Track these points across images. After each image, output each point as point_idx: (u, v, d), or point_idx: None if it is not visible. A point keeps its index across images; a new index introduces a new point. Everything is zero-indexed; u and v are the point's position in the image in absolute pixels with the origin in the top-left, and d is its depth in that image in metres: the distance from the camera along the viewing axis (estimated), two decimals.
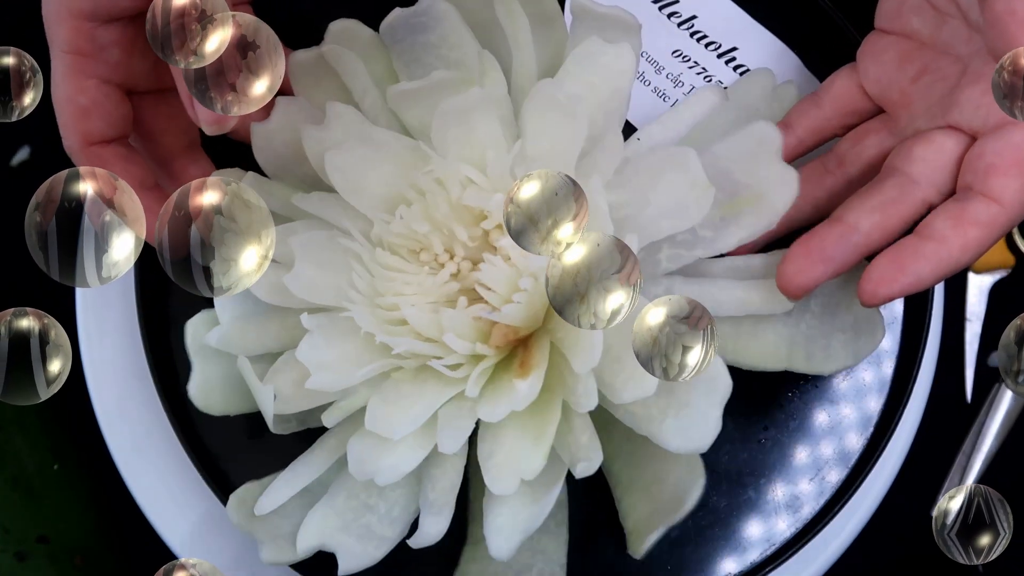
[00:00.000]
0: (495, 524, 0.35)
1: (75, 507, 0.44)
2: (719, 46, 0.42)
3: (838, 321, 0.37)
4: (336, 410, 0.36)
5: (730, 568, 0.39)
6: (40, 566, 0.42)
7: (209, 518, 0.41)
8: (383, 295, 0.36)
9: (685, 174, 0.35)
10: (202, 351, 0.37)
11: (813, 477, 0.40)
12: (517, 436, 0.35)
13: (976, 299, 0.50)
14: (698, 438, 0.34)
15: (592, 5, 0.36)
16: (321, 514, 0.36)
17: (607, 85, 0.36)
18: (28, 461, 0.44)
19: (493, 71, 0.36)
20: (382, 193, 0.37)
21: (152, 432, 0.41)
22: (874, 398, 0.40)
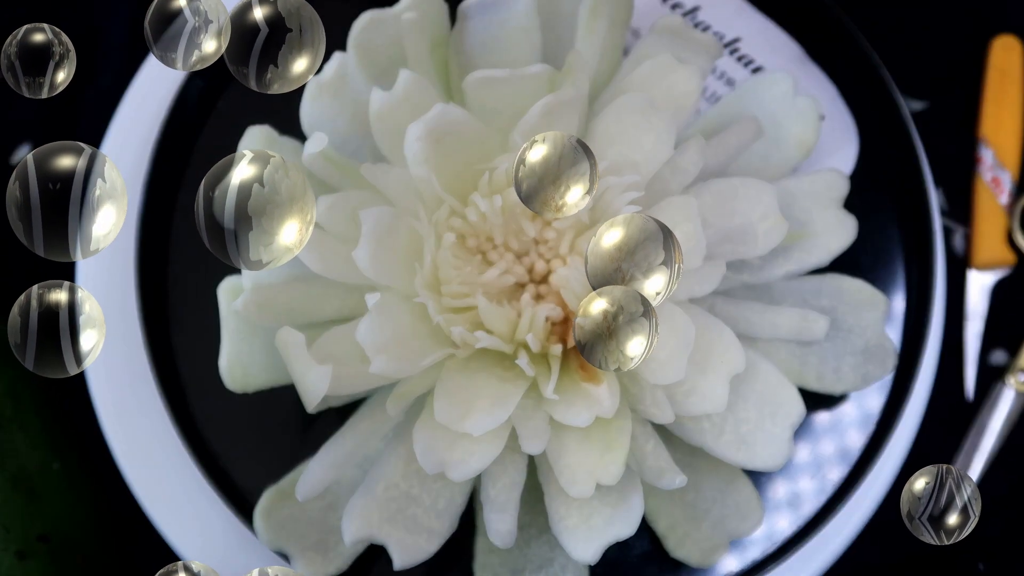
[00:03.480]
0: (564, 525, 0.35)
1: (76, 506, 0.44)
2: (723, 37, 0.43)
3: (849, 345, 0.38)
4: (399, 397, 0.35)
5: (731, 566, 0.39)
6: (41, 565, 0.42)
7: (210, 515, 0.40)
8: (448, 283, 0.35)
9: (758, 205, 0.36)
10: (233, 320, 0.37)
11: (814, 475, 0.40)
12: (581, 439, 0.35)
13: (977, 297, 0.50)
14: (766, 456, 0.36)
15: (684, 27, 0.38)
16: (363, 505, 0.36)
17: (670, 102, 0.37)
18: (28, 460, 0.44)
19: (580, 71, 0.36)
20: (456, 177, 0.36)
21: (153, 430, 0.40)
22: (875, 396, 0.40)
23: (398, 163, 0.36)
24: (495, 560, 0.37)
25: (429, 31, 0.37)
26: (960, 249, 0.51)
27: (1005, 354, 0.50)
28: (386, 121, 0.36)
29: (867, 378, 0.38)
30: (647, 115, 0.35)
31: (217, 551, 0.40)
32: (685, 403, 0.35)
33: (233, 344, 0.36)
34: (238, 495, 0.39)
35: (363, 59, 0.37)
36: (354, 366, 0.34)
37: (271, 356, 0.36)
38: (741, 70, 0.43)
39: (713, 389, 0.35)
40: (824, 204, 0.38)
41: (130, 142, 0.43)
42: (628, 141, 0.36)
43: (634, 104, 0.36)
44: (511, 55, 0.38)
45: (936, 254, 0.41)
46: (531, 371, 0.35)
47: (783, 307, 0.38)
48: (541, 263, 0.36)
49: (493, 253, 0.36)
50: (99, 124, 0.44)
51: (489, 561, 0.37)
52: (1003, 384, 0.49)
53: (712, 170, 0.37)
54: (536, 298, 0.36)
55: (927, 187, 0.42)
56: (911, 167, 0.42)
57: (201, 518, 0.40)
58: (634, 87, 0.37)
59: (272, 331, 0.35)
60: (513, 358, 0.35)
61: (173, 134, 0.41)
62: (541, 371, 0.35)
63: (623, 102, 0.36)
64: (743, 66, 0.43)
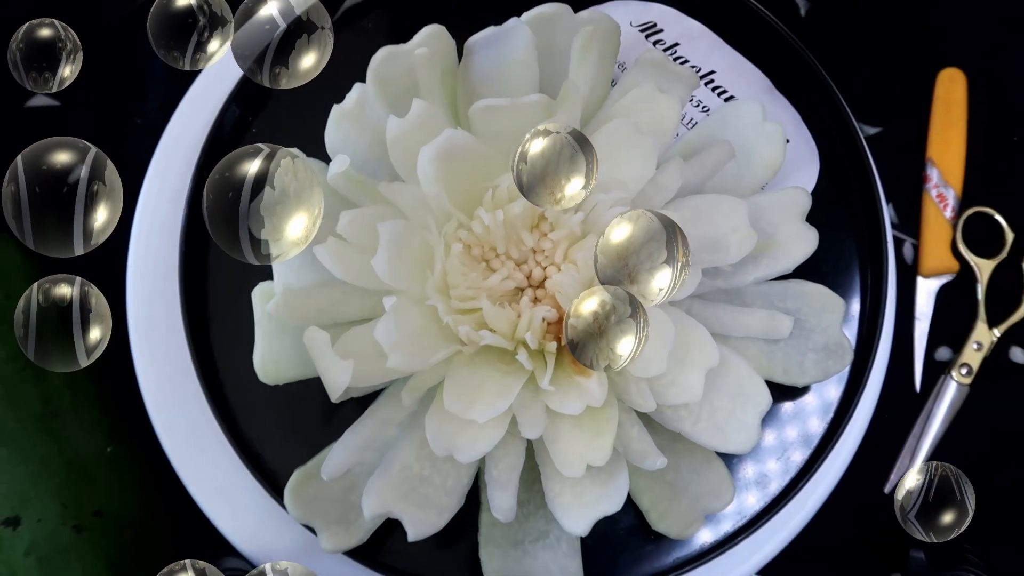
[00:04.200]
0: (559, 502, 0.35)
1: (126, 486, 0.44)
2: (699, 70, 0.43)
3: (811, 343, 0.38)
4: (413, 388, 0.35)
5: (706, 538, 0.39)
6: (95, 538, 0.42)
7: (246, 493, 0.40)
8: (456, 287, 0.35)
9: (730, 219, 0.36)
10: (266, 320, 0.36)
11: (779, 457, 0.40)
12: (573, 425, 0.35)
13: (924, 300, 0.51)
14: (737, 441, 0.36)
15: (665, 61, 0.38)
16: (380, 484, 0.36)
17: (653, 127, 0.37)
18: (84, 445, 0.44)
19: (573, 100, 0.36)
20: (463, 194, 0.36)
21: (195, 418, 0.40)
22: (834, 387, 0.41)
23: (412, 182, 0.36)
24: (497, 533, 0.38)
25: (439, 64, 0.37)
26: (909, 258, 0.52)
27: (949, 351, 0.51)
28: (401, 144, 0.36)
29: (827, 372, 0.38)
30: (633, 139, 0.35)
31: (251, 525, 0.40)
32: (666, 394, 0.35)
33: (265, 342, 0.36)
34: (270, 475, 0.39)
35: (381, 89, 0.37)
36: (373, 361, 0.34)
37: (299, 352, 0.36)
38: (715, 99, 0.43)
39: (690, 381, 0.35)
40: (789, 218, 0.38)
41: (174, 163, 0.43)
42: (616, 161, 0.35)
43: (621, 129, 0.36)
44: (512, 86, 0.38)
45: (888, 262, 0.41)
46: (529, 365, 0.35)
47: (753, 309, 0.38)
48: (538, 270, 0.36)
49: (496, 261, 0.36)
50: (147, 147, 0.44)
51: (492, 534, 0.38)
52: (947, 377, 0.50)
53: (690, 187, 0.38)
54: (534, 301, 0.36)
55: (880, 203, 0.42)
56: (866, 185, 0.42)
57: (237, 496, 0.40)
58: (621, 114, 0.37)
59: (300, 331, 0.35)
60: (513, 354, 0.35)
61: (212, 155, 0.41)
62: (538, 365, 0.35)
63: (611, 127, 0.36)
64: (717, 96, 0.43)
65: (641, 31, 0.43)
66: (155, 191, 0.43)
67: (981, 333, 0.50)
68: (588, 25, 0.37)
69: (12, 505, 0.42)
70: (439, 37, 0.37)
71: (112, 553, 0.43)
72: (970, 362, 0.50)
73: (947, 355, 0.51)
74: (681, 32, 0.43)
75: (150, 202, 0.42)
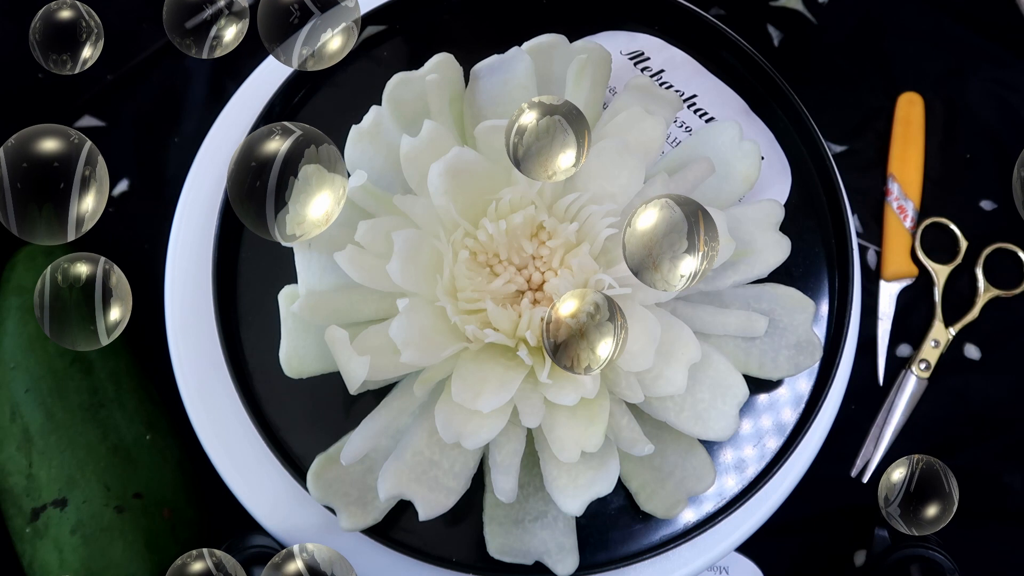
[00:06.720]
0: (556, 484, 0.35)
1: (164, 470, 0.44)
2: (683, 93, 0.43)
3: (784, 341, 0.38)
4: (424, 381, 0.35)
5: (689, 517, 0.39)
6: (135, 518, 0.42)
7: (272, 476, 0.40)
8: (463, 290, 0.35)
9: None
10: (291, 319, 0.36)
11: (755, 444, 0.40)
12: (569, 415, 0.35)
13: (886, 302, 0.51)
14: (718, 429, 0.36)
15: (651, 86, 0.38)
16: (394, 468, 0.36)
17: (641, 146, 0.37)
18: (126, 432, 0.44)
19: None
20: (469, 205, 0.36)
21: (226, 408, 0.40)
22: (805, 381, 0.41)
23: (423, 194, 0.36)
24: (500, 512, 0.38)
25: (448, 89, 0.37)
26: (873, 264, 0.52)
27: (909, 348, 0.51)
28: (413, 161, 0.36)
29: (798, 366, 0.39)
30: (622, 156, 0.36)
31: (277, 505, 0.40)
32: (653, 386, 0.35)
33: (290, 339, 0.36)
34: (294, 460, 0.39)
35: (395, 111, 0.37)
36: (388, 357, 0.35)
37: (321, 349, 0.36)
38: (697, 120, 0.43)
39: (675, 375, 0.35)
40: (764, 227, 0.38)
41: (208, 178, 0.43)
42: (607, 177, 0.36)
43: (612, 147, 0.36)
44: (514, 108, 0.38)
45: (854, 267, 0.41)
46: (529, 361, 0.35)
47: (731, 310, 0.38)
48: (537, 274, 0.36)
49: (499, 266, 0.36)
50: (184, 163, 0.44)
51: (495, 513, 0.38)
52: (908, 372, 0.50)
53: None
54: (533, 302, 0.36)
55: (846, 214, 0.42)
56: (833, 198, 0.42)
57: (264, 479, 0.40)
58: (611, 133, 0.37)
59: (322, 329, 0.35)
60: (515, 350, 0.35)
61: None
62: (537, 360, 0.35)
63: (602, 145, 0.36)
64: (699, 117, 0.43)
65: (630, 59, 0.44)
66: (190, 203, 0.43)
67: (938, 332, 0.50)
68: (582, 54, 0.38)
69: (60, 487, 0.42)
70: (448, 64, 0.38)
71: (150, 531, 0.43)
72: (928, 358, 0.50)
73: (907, 352, 0.51)
74: (666, 60, 0.44)
75: (185, 213, 0.42)
